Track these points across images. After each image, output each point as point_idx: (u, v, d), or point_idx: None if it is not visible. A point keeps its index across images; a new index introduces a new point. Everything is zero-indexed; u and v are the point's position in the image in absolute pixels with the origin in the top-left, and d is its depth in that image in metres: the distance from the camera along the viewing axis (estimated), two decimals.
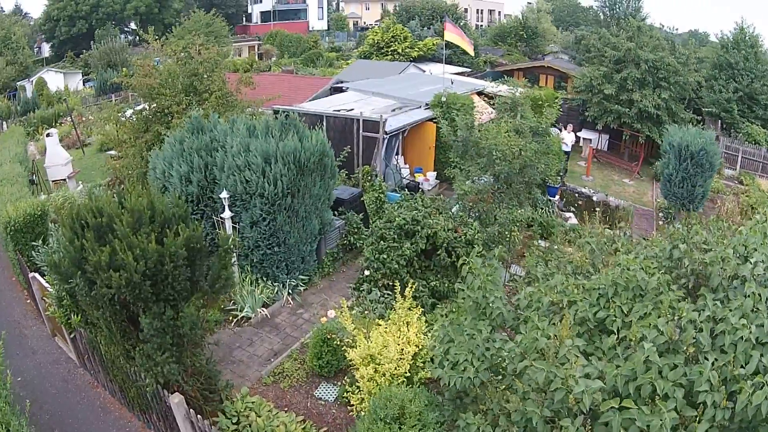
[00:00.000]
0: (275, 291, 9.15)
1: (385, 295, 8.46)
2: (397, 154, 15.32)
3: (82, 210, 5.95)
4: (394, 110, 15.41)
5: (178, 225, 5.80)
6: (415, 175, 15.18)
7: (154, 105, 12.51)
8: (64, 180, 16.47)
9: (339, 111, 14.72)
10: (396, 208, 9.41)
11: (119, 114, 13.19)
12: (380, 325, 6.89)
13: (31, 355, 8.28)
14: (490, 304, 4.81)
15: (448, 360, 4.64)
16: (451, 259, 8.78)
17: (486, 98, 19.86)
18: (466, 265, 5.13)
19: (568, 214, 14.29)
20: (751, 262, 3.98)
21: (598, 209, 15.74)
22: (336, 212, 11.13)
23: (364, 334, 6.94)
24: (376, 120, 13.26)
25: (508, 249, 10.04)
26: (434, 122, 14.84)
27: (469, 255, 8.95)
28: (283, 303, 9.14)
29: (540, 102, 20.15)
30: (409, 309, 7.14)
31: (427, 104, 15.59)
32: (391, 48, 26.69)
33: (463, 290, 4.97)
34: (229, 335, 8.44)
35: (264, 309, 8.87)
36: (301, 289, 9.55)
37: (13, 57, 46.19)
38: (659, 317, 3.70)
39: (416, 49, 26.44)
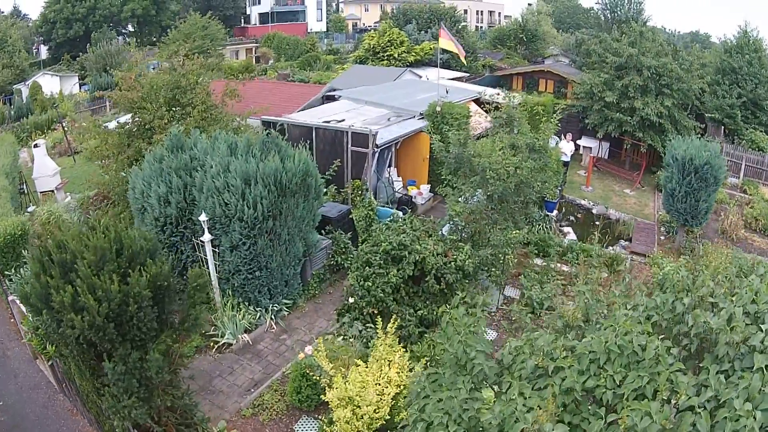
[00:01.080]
0: (257, 316, 8.86)
1: (368, 328, 8.04)
2: (390, 166, 14.87)
3: (50, 242, 5.74)
4: (389, 119, 14.97)
5: (145, 262, 5.55)
6: (409, 188, 14.72)
7: (138, 119, 12.12)
8: (53, 191, 16.15)
9: (329, 122, 14.34)
10: (383, 230, 9.02)
11: (99, 127, 12.73)
12: (359, 364, 6.51)
13: (13, 378, 8.16)
14: (471, 360, 4.37)
15: (422, 420, 4.24)
16: (440, 286, 8.39)
17: (486, 104, 19.43)
18: (447, 314, 4.70)
19: (566, 229, 13.82)
20: (762, 329, 3.51)
21: (597, 223, 15.32)
22: (323, 231, 10.82)
23: (342, 373, 6.57)
24: (366, 133, 12.85)
25: (501, 271, 9.63)
26: (429, 133, 14.40)
27: (459, 281, 8.60)
28: (267, 328, 8.92)
29: (539, 110, 19.72)
30: (391, 346, 6.75)
31: (421, 114, 15.13)
32: (387, 53, 26.22)
33: (441, 344, 4.53)
34: (210, 362, 8.23)
35: (246, 335, 8.59)
36: (286, 313, 9.28)
37: (9, 60, 45.86)
38: (654, 397, 3.25)
39: (413, 54, 25.96)
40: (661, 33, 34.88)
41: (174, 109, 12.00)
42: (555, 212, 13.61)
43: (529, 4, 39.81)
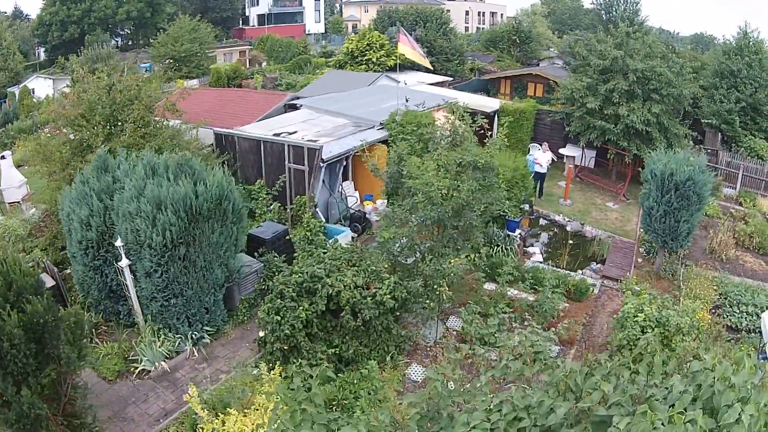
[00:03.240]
0: (177, 343, 8.66)
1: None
2: (346, 179, 13.88)
3: None
4: (345, 130, 14.02)
5: (29, 298, 5.70)
6: (365, 203, 13.71)
7: (78, 136, 11.82)
8: (19, 202, 15.73)
9: (280, 134, 13.54)
10: (305, 258, 8.51)
11: (46, 143, 12.20)
12: (231, 414, 5.75)
13: None
14: None
15: None
16: (356, 322, 7.67)
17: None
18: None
19: (532, 250, 12.70)
20: None
21: (571, 242, 14.16)
22: (256, 253, 10.43)
23: (223, 419, 5.97)
24: (310, 147, 11.95)
25: (437, 303, 8.65)
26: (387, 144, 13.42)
27: (379, 316, 7.65)
28: (188, 356, 8.72)
29: (519, 115, 18.60)
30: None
31: (381, 124, 14.11)
32: (366, 57, 25.20)
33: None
34: (129, 388, 8.17)
35: (165, 362, 8.43)
36: (208, 341, 9.00)
37: (3, 63, 45.66)
38: None
39: (393, 58, 24.92)
40: (657, 34, 33.46)
41: (112, 126, 11.83)
42: (518, 231, 12.48)
43: (532, 5, 38.53)
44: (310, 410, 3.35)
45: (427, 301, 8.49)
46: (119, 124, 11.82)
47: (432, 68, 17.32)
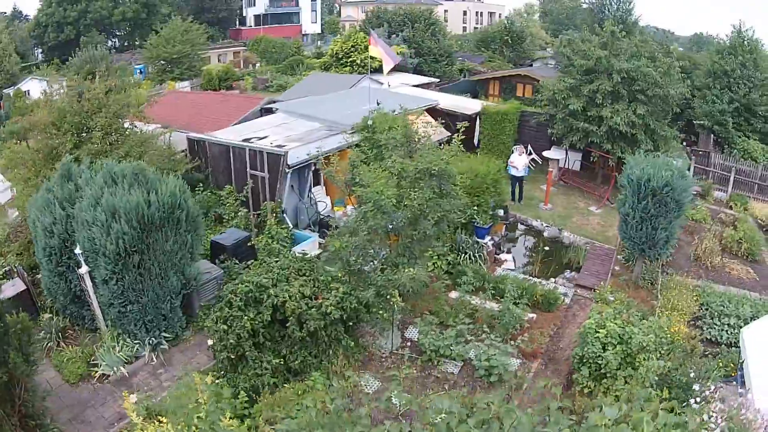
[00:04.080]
0: (135, 348, 8.86)
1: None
2: (317, 184, 13.55)
3: None
4: (326, 133, 13.72)
5: None
6: (336, 208, 13.36)
7: (50, 143, 11.92)
8: (3, 206, 15.86)
9: (250, 139, 13.33)
10: (256, 266, 8.46)
11: (19, 150, 12.36)
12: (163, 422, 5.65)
13: None
14: None
15: None
16: (302, 333, 7.58)
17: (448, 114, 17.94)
18: None
19: (505, 257, 12.30)
20: None
21: (547, 248, 13.74)
22: (218, 260, 10.59)
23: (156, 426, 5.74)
24: (276, 152, 11.75)
25: (392, 313, 8.44)
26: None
27: (326, 327, 7.39)
28: (146, 361, 8.88)
29: (501, 117, 18.19)
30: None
31: (353, 128, 13.75)
32: (351, 59, 24.81)
33: None
34: (89, 392, 8.37)
35: (124, 367, 8.61)
36: (166, 347, 9.10)
37: None
38: None
39: (378, 60, 24.54)
40: (652, 33, 32.90)
41: (81, 134, 12.01)
42: (488, 238, 12.08)
43: (525, 4, 37.98)
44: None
45: (381, 312, 8.27)
46: (88, 131, 11.92)
47: (389, 70, 16.91)
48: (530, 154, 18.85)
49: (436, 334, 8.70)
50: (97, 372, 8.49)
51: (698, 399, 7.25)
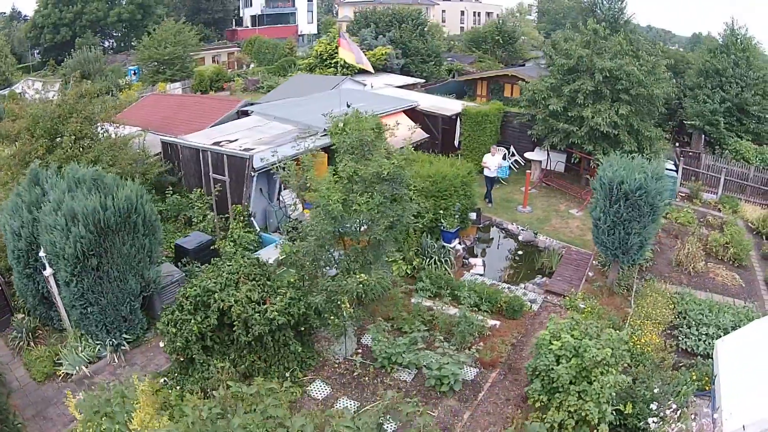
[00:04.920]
0: (96, 348, 9.08)
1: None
2: (288, 188, 13.27)
3: None
4: (289, 137, 13.45)
5: None
6: (305, 210, 13.05)
7: (24, 148, 12.19)
8: None
9: (220, 142, 13.17)
10: (209, 270, 8.41)
11: None
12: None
13: None
14: None
15: None
16: (248, 337, 7.63)
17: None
18: None
19: (474, 261, 11.95)
20: None
21: (521, 252, 13.38)
22: (180, 263, 10.82)
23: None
24: (241, 156, 11.56)
25: (345, 319, 8.30)
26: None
27: (273, 332, 7.26)
28: (108, 362, 9.09)
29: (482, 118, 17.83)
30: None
31: (325, 130, 13.48)
32: (334, 60, 24.52)
33: None
34: (53, 390, 8.62)
35: (86, 367, 8.82)
36: (127, 348, 9.28)
37: None
38: None
39: (359, 65, 24.20)
40: (645, 32, 32.36)
41: (55, 139, 12.23)
42: (455, 242, 11.74)
43: (518, 3, 37.46)
44: None
45: (332, 318, 8.13)
46: (60, 137, 12.13)
47: (372, 71, 16.77)
48: (513, 155, 18.51)
49: (389, 341, 8.45)
50: (61, 371, 8.79)
51: (655, 419, 6.89)
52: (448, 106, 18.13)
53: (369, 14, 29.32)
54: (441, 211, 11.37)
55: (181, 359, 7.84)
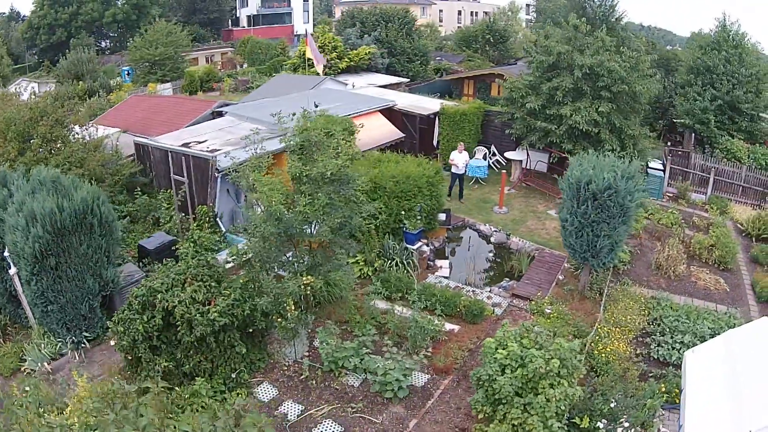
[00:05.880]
0: (58, 346, 9.24)
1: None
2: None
3: None
4: (268, 136, 13.20)
5: None
6: None
7: None
8: None
9: (189, 143, 13.17)
10: (161, 270, 8.48)
11: None
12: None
13: None
14: None
15: None
16: (190, 338, 7.58)
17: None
18: None
19: (441, 263, 11.54)
20: None
21: (491, 254, 12.96)
22: (141, 263, 10.93)
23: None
24: (206, 157, 11.67)
25: (295, 321, 8.20)
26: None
27: (217, 333, 7.63)
28: (69, 359, 9.22)
29: (461, 117, 17.42)
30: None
31: (294, 131, 13.18)
32: None
33: None
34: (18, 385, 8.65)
35: (48, 363, 8.95)
36: (88, 346, 9.35)
37: None
38: None
39: (345, 60, 23.86)
40: (637, 30, 31.81)
41: (26, 142, 12.42)
42: (420, 244, 11.34)
43: (510, 2, 36.99)
44: None
45: (279, 320, 8.00)
46: (31, 139, 12.39)
47: (319, 73, 16.74)
48: (494, 155, 18.07)
49: (336, 344, 8.21)
50: (24, 367, 8.98)
51: None
52: (426, 105, 17.74)
53: (356, 13, 28.98)
54: (402, 212, 10.98)
55: (129, 357, 8.00)
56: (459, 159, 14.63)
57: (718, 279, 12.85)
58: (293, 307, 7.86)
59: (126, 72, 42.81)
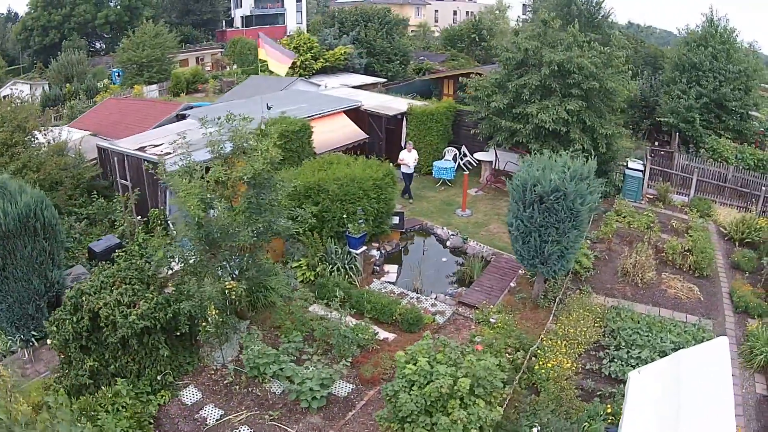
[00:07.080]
0: (7, 344, 9.50)
1: None
2: None
3: None
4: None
5: None
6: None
7: None
8: None
9: (145, 147, 13.19)
10: (96, 272, 8.59)
11: None
12: None
13: None
14: None
15: None
16: (114, 339, 7.79)
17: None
18: None
19: (388, 268, 10.97)
20: None
21: (445, 260, 12.35)
22: (90, 264, 11.13)
23: None
24: (154, 161, 11.47)
25: (212, 326, 8.06)
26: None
27: (138, 335, 7.81)
28: (19, 357, 9.49)
29: (430, 117, 16.83)
30: None
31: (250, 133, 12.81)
32: (292, 61, 23.72)
33: None
34: None
35: None
36: (36, 344, 9.58)
37: None
38: None
39: (321, 61, 23.40)
40: (625, 27, 30.98)
41: None
42: (364, 248, 10.78)
43: (501, 2, 36.31)
44: None
45: (203, 324, 7.97)
46: None
47: (279, 74, 16.30)
48: (464, 156, 17.46)
49: (259, 350, 8.00)
50: None
51: None
52: (393, 105, 17.19)
53: (336, 14, 28.49)
54: (345, 216, 10.44)
55: (62, 356, 8.23)
56: (408, 158, 14.14)
57: (691, 287, 12.01)
58: (214, 312, 7.77)
59: (117, 74, 42.70)
